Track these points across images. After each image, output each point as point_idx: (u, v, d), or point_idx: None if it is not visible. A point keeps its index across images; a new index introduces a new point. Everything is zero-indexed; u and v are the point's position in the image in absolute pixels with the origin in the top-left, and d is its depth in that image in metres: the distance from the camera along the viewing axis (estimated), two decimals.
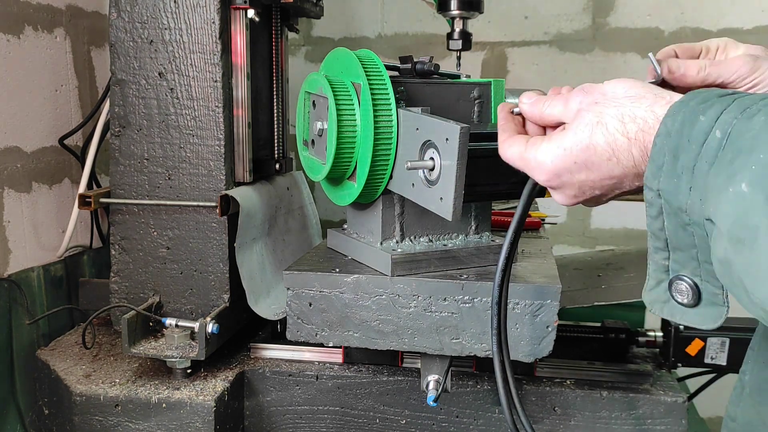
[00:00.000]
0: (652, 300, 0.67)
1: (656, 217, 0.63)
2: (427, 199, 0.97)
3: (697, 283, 0.63)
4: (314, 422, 1.38)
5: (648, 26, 2.11)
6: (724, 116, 0.56)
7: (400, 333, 1.08)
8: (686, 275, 0.63)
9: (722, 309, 0.62)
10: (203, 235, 1.41)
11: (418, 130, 0.98)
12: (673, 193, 0.59)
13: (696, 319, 0.64)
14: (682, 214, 0.60)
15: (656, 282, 0.66)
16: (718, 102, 0.58)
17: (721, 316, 0.62)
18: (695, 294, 0.63)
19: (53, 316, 1.64)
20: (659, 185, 0.61)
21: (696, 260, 0.62)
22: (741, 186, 0.51)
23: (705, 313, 0.63)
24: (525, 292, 1.04)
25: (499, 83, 1.16)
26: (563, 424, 1.31)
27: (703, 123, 0.57)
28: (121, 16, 1.38)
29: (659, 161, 0.60)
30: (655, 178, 0.61)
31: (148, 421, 1.29)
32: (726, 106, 0.57)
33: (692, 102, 0.60)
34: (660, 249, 0.64)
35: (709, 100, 0.59)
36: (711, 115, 0.57)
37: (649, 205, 0.63)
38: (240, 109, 1.42)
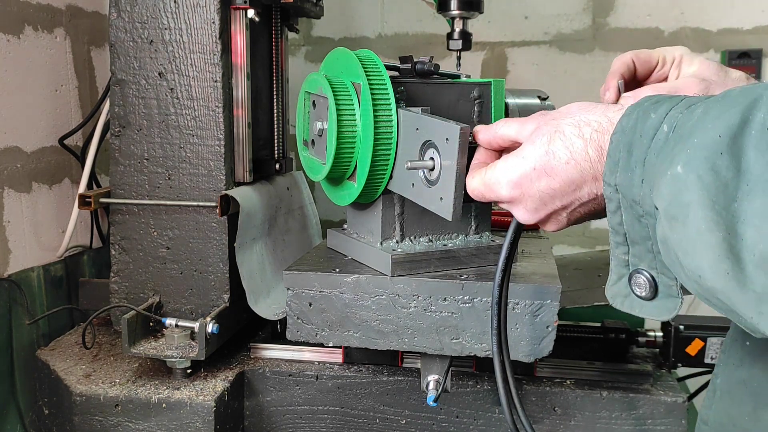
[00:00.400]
0: (614, 294, 0.69)
1: (615, 212, 0.65)
2: (427, 199, 0.97)
3: (653, 275, 0.65)
4: (314, 422, 1.38)
5: (648, 26, 2.11)
6: (672, 112, 0.60)
7: (400, 333, 1.08)
8: (644, 268, 0.66)
9: (676, 300, 0.65)
10: (203, 235, 1.41)
11: (418, 130, 0.98)
12: (628, 186, 0.62)
13: (654, 312, 0.66)
14: (636, 206, 0.62)
15: (618, 277, 0.69)
16: (668, 101, 0.62)
17: (676, 307, 0.65)
18: (652, 287, 0.65)
19: (53, 316, 1.64)
20: (616, 180, 0.63)
21: (651, 252, 0.64)
22: (677, 168, 0.55)
23: (661, 305, 0.66)
24: (525, 292, 1.04)
25: (499, 83, 1.16)
26: (563, 424, 1.31)
27: (654, 119, 0.61)
28: (121, 16, 1.38)
29: (615, 157, 0.63)
30: (612, 174, 0.64)
31: (148, 421, 1.29)
32: (675, 104, 0.61)
33: (645, 103, 0.63)
34: (620, 244, 0.67)
35: (660, 100, 0.63)
36: (660, 112, 0.61)
37: (608, 201, 0.65)
38: (240, 109, 1.42)
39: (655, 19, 2.10)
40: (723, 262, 0.52)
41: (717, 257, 0.52)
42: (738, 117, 0.53)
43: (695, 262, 0.54)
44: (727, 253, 0.52)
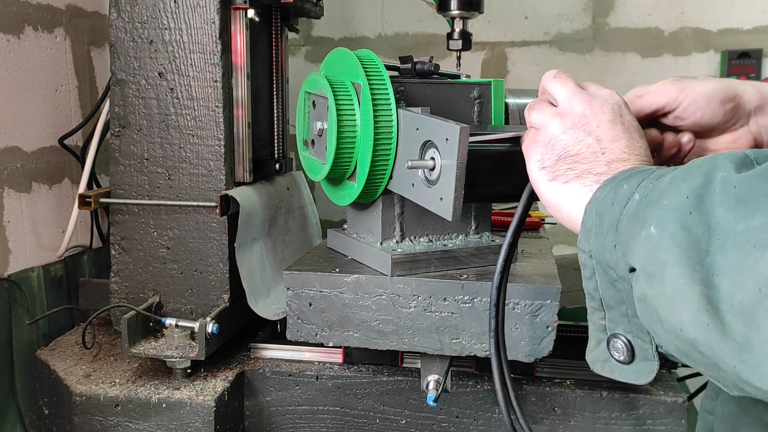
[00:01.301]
0: (594, 359, 0.72)
1: (590, 278, 0.68)
2: (427, 199, 0.97)
3: (629, 339, 0.67)
4: (314, 422, 1.38)
5: (648, 26, 2.11)
6: (644, 182, 0.64)
7: (400, 333, 1.08)
8: (621, 333, 0.68)
9: (653, 364, 0.67)
10: (203, 235, 1.41)
11: (418, 130, 0.98)
12: (601, 251, 0.65)
13: (632, 375, 0.69)
14: (610, 271, 0.65)
15: (596, 342, 0.71)
16: (639, 173, 0.66)
17: (653, 370, 0.67)
18: (629, 350, 0.67)
19: (53, 316, 1.64)
20: (590, 246, 0.66)
21: (627, 317, 0.66)
22: (650, 229, 0.58)
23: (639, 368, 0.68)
24: (525, 292, 1.04)
25: (499, 83, 1.16)
26: (563, 424, 1.31)
27: (626, 189, 0.64)
28: (121, 16, 1.38)
29: (589, 224, 0.67)
30: (587, 240, 0.67)
31: (148, 421, 1.29)
32: (646, 176, 0.64)
33: (619, 177, 0.67)
34: (596, 309, 0.69)
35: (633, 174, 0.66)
36: (633, 183, 0.64)
37: (583, 267, 0.68)
38: (240, 109, 1.42)
39: (655, 19, 2.10)
40: (702, 314, 0.54)
41: (696, 310, 0.54)
42: (701, 178, 0.57)
43: (675, 316, 0.56)
44: (706, 306, 0.53)
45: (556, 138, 0.76)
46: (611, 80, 2.08)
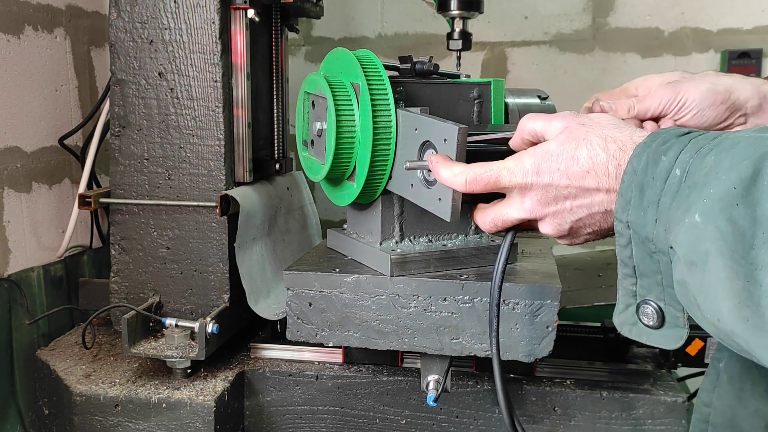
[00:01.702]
0: (622, 322, 0.72)
1: (625, 246, 0.69)
2: (425, 200, 0.97)
3: (661, 306, 0.69)
4: (314, 422, 1.38)
5: (648, 26, 2.11)
6: (682, 156, 0.63)
7: (400, 333, 1.08)
8: (652, 299, 0.69)
9: (683, 330, 0.68)
10: (203, 235, 1.41)
11: (417, 130, 0.98)
12: (641, 224, 0.65)
13: (660, 340, 0.70)
14: (649, 243, 0.66)
15: (625, 306, 0.72)
16: (676, 143, 0.65)
17: (682, 336, 0.69)
18: (660, 317, 0.69)
19: (53, 316, 1.64)
20: (628, 217, 0.67)
21: (660, 285, 0.68)
22: (695, 217, 0.58)
23: (668, 334, 0.69)
24: (525, 292, 1.04)
25: (499, 83, 1.16)
26: (563, 424, 1.31)
27: (665, 162, 0.64)
28: (121, 16, 1.38)
29: (627, 196, 0.67)
30: (624, 211, 0.67)
31: (148, 421, 1.29)
32: (683, 147, 0.64)
33: (654, 143, 0.67)
34: (628, 275, 0.70)
35: (668, 141, 0.66)
36: (671, 156, 0.64)
37: (619, 236, 0.69)
38: (240, 109, 1.42)
39: (655, 19, 2.10)
40: (743, 309, 0.54)
41: (737, 304, 0.55)
42: (750, 169, 0.56)
43: (715, 306, 0.57)
44: (747, 301, 0.54)
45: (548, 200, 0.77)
46: (611, 80, 2.08)
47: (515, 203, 0.79)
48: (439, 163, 0.85)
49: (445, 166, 0.84)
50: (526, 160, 0.77)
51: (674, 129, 0.69)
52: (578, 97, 2.17)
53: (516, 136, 0.84)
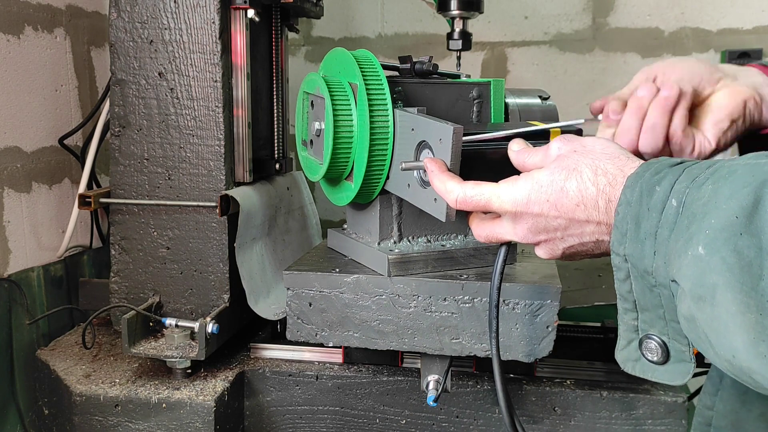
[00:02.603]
0: (625, 358, 0.71)
1: (624, 281, 0.67)
2: (422, 200, 0.97)
3: (665, 341, 0.67)
4: (314, 422, 1.38)
5: (648, 26, 2.11)
6: (677, 186, 0.62)
7: (400, 333, 1.08)
8: (654, 334, 0.67)
9: (689, 365, 0.66)
10: (203, 235, 1.41)
11: (414, 130, 0.98)
12: (639, 257, 0.64)
13: (666, 376, 0.68)
14: (648, 277, 0.64)
15: (627, 341, 0.70)
16: (669, 173, 0.64)
17: (689, 372, 0.67)
18: (664, 352, 0.67)
19: (53, 316, 1.65)
20: (625, 251, 0.65)
21: (663, 319, 0.66)
22: (698, 249, 0.57)
23: (674, 369, 0.68)
24: (525, 292, 1.04)
25: (499, 83, 1.16)
26: (563, 424, 1.31)
27: (660, 193, 0.63)
28: (121, 16, 1.39)
29: (623, 228, 0.65)
30: (621, 244, 0.66)
31: (148, 421, 1.29)
32: (677, 176, 0.63)
33: (647, 174, 0.65)
34: (629, 310, 0.68)
35: (662, 171, 0.64)
36: (665, 186, 0.63)
37: (617, 270, 0.67)
38: (240, 109, 1.42)
39: (655, 19, 2.10)
40: (759, 345, 0.53)
41: (752, 339, 0.53)
42: (751, 197, 0.55)
43: (727, 342, 0.55)
44: (762, 335, 0.52)
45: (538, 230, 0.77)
46: (611, 80, 2.08)
47: (508, 227, 0.80)
48: (434, 172, 0.85)
49: (440, 179, 0.84)
50: (518, 189, 0.76)
51: (666, 159, 0.68)
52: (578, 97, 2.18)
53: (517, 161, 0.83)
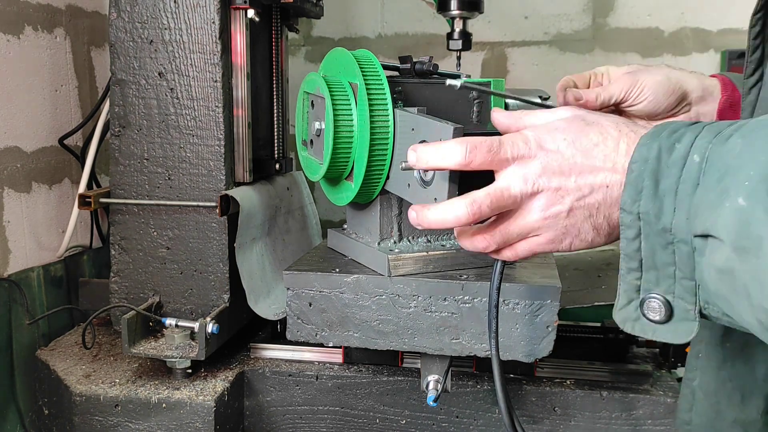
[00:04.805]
0: (624, 318, 0.70)
1: (633, 239, 0.66)
2: (421, 200, 0.97)
3: (669, 300, 0.66)
4: (314, 422, 1.38)
5: (648, 26, 2.11)
6: (698, 141, 0.61)
7: (400, 333, 1.08)
8: (658, 293, 0.66)
9: (693, 324, 0.66)
10: (203, 235, 1.41)
11: (414, 130, 0.98)
12: (656, 214, 0.63)
13: (668, 335, 0.67)
14: (666, 234, 0.63)
15: (627, 301, 0.69)
16: (689, 131, 0.63)
17: (693, 330, 0.66)
18: (667, 311, 0.66)
19: (53, 316, 1.65)
20: (639, 208, 0.64)
21: (672, 278, 0.65)
22: (737, 200, 0.55)
23: (677, 328, 0.67)
24: (525, 292, 1.04)
25: (499, 83, 1.16)
26: (563, 424, 1.31)
27: (680, 149, 0.62)
28: (121, 16, 1.39)
29: (638, 186, 0.64)
30: (635, 202, 0.64)
31: (148, 421, 1.29)
32: (698, 133, 0.62)
33: (664, 132, 0.65)
34: (633, 270, 0.67)
35: (680, 129, 0.64)
36: (686, 142, 0.62)
37: (627, 228, 0.66)
38: (240, 109, 1.42)
39: (655, 19, 2.10)
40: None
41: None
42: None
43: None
44: None
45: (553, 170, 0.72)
46: None
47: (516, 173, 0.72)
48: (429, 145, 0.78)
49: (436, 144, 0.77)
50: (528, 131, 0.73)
51: (681, 121, 0.67)
52: None
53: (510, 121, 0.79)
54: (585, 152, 0.70)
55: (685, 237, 0.61)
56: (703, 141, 0.61)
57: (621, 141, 0.69)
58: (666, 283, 0.66)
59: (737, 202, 0.56)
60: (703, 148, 0.60)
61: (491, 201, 0.72)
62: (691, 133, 0.62)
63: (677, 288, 0.65)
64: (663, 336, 0.67)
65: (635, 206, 0.64)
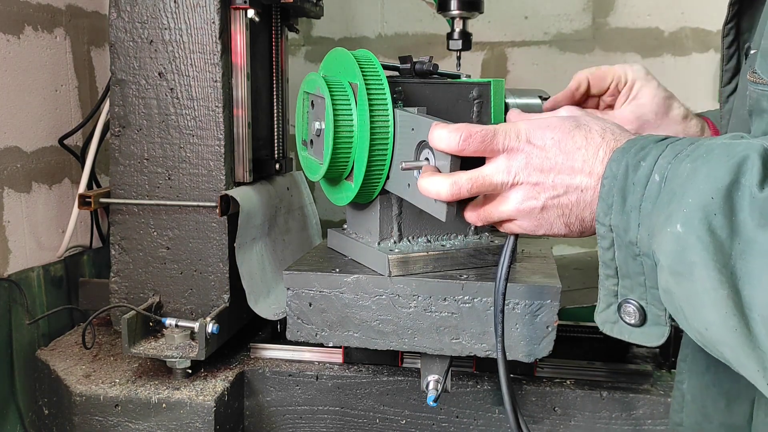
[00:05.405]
0: (603, 320, 0.74)
1: (608, 249, 0.70)
2: (422, 200, 0.97)
3: (643, 305, 0.70)
4: (314, 422, 1.38)
5: (648, 26, 2.11)
6: (660, 161, 0.65)
7: (400, 333, 1.08)
8: (633, 299, 0.70)
9: (664, 328, 0.70)
10: (203, 235, 1.41)
11: (414, 130, 0.98)
12: (624, 228, 0.67)
13: (642, 338, 0.71)
14: (633, 247, 0.67)
15: (606, 305, 0.73)
16: (654, 148, 0.66)
17: (664, 334, 0.70)
18: (641, 315, 0.70)
19: (53, 316, 1.65)
20: (610, 221, 0.68)
21: (643, 286, 0.69)
22: (677, 227, 0.59)
23: (650, 332, 0.71)
24: (525, 292, 1.04)
25: (499, 83, 1.16)
26: (563, 424, 1.31)
27: (644, 168, 0.65)
28: (121, 16, 1.39)
29: (609, 201, 0.68)
30: (606, 215, 0.68)
31: (148, 421, 1.29)
32: (661, 152, 0.65)
33: (632, 149, 0.68)
34: (610, 276, 0.71)
35: (647, 146, 0.67)
36: (649, 161, 0.65)
37: (602, 239, 0.70)
38: (240, 109, 1.42)
39: (655, 19, 2.10)
40: (730, 318, 0.56)
41: (725, 314, 0.56)
42: (727, 179, 0.58)
43: (701, 316, 0.59)
44: (734, 311, 0.56)
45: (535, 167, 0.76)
46: None
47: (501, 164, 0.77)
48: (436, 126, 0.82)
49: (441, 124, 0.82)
50: (522, 124, 0.77)
51: (651, 135, 0.70)
52: None
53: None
54: (567, 153, 0.73)
55: (647, 251, 0.65)
56: (664, 161, 0.64)
57: (601, 149, 0.72)
58: (639, 290, 0.69)
59: (676, 228, 0.59)
60: (664, 168, 0.64)
61: (471, 186, 0.78)
62: (656, 152, 0.66)
63: (648, 295, 0.69)
64: (637, 338, 0.72)
65: (607, 219, 0.68)
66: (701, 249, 0.57)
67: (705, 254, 0.57)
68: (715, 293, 0.56)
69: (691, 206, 0.59)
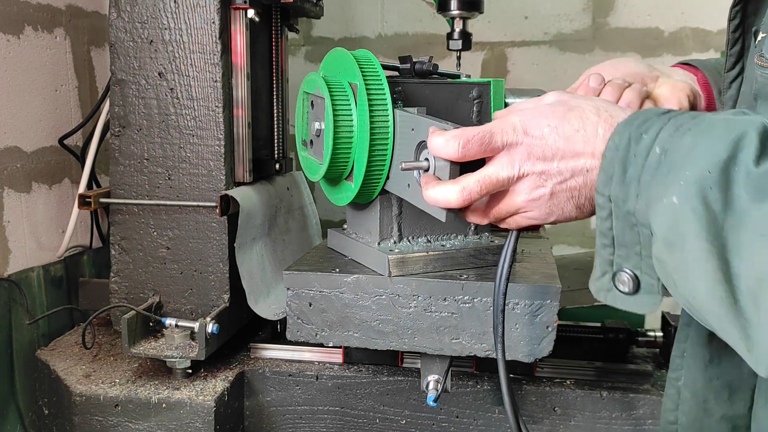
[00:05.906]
0: (598, 288, 0.75)
1: (606, 219, 0.71)
2: (421, 200, 0.96)
3: (637, 274, 0.71)
4: (314, 422, 1.38)
5: (648, 26, 2.11)
6: (662, 134, 0.66)
7: (400, 333, 1.08)
8: (628, 268, 0.71)
9: (657, 297, 0.71)
10: (203, 235, 1.41)
11: (414, 130, 0.98)
12: (623, 198, 0.68)
13: (635, 306, 0.72)
14: (630, 217, 0.68)
15: (602, 273, 0.74)
16: (657, 121, 0.67)
17: (656, 303, 0.71)
18: (635, 284, 0.71)
19: (53, 316, 1.65)
20: (610, 192, 0.69)
21: (639, 255, 0.70)
22: (672, 198, 0.61)
23: (643, 300, 0.72)
24: (525, 292, 1.04)
25: (499, 83, 1.16)
26: (563, 424, 1.31)
27: (646, 140, 0.66)
28: (121, 16, 1.39)
29: (609, 172, 0.69)
30: (606, 186, 0.69)
31: (148, 421, 1.29)
32: (663, 125, 0.66)
33: (636, 122, 0.69)
34: (607, 245, 0.72)
35: (649, 119, 0.68)
36: (651, 134, 0.66)
37: (600, 209, 0.71)
38: (240, 109, 1.42)
39: (655, 19, 2.10)
40: (718, 288, 0.58)
41: (713, 284, 0.58)
42: (725, 154, 0.59)
43: (691, 284, 0.61)
44: (722, 281, 0.58)
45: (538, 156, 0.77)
46: None
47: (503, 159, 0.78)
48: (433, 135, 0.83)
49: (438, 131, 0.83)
50: (515, 117, 0.78)
51: (654, 109, 0.71)
52: None
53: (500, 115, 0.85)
54: (567, 138, 0.75)
55: (644, 221, 0.66)
56: (665, 134, 0.65)
57: (599, 126, 0.74)
58: (634, 259, 0.71)
59: (672, 199, 0.61)
60: (665, 141, 0.65)
61: (481, 187, 0.79)
62: (658, 124, 0.67)
63: (643, 264, 0.70)
64: (630, 306, 0.73)
65: (606, 189, 0.69)
66: (695, 220, 0.58)
67: (698, 226, 0.58)
68: (706, 264, 0.58)
69: (688, 179, 0.60)
